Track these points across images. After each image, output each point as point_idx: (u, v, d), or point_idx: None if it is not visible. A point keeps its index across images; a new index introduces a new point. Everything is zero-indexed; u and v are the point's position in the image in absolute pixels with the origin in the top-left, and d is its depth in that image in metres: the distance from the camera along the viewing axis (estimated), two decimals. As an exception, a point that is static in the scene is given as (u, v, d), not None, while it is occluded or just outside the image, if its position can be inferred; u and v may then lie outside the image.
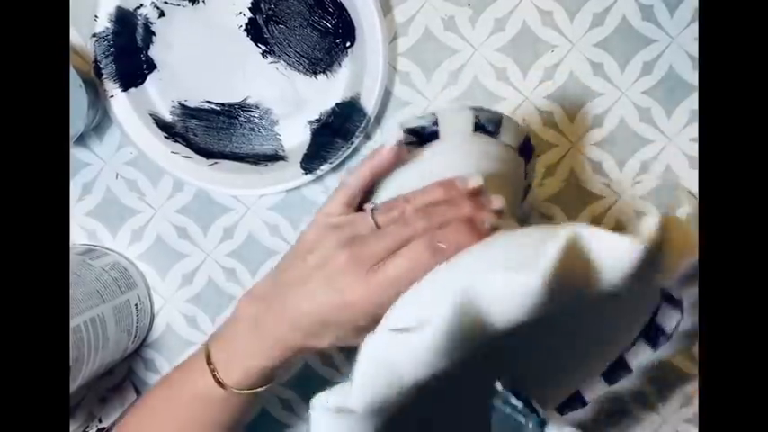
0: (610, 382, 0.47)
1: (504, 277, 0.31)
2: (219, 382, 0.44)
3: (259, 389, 0.45)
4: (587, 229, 0.32)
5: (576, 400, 0.49)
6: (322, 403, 0.34)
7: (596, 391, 0.48)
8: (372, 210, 0.42)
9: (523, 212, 0.58)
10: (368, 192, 0.45)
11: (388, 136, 0.43)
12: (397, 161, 0.43)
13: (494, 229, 0.40)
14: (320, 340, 0.42)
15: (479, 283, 0.32)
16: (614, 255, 0.31)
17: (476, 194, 0.42)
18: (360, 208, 0.45)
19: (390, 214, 0.42)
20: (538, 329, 0.38)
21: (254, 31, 0.55)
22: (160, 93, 0.56)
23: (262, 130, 0.57)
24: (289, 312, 0.41)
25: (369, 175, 0.43)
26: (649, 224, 0.32)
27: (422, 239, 0.39)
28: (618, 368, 0.46)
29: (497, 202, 0.41)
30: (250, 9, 0.55)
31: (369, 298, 0.39)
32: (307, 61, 0.56)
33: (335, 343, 0.42)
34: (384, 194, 0.45)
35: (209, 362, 0.44)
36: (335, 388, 0.35)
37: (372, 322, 0.37)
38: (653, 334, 0.43)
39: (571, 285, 0.32)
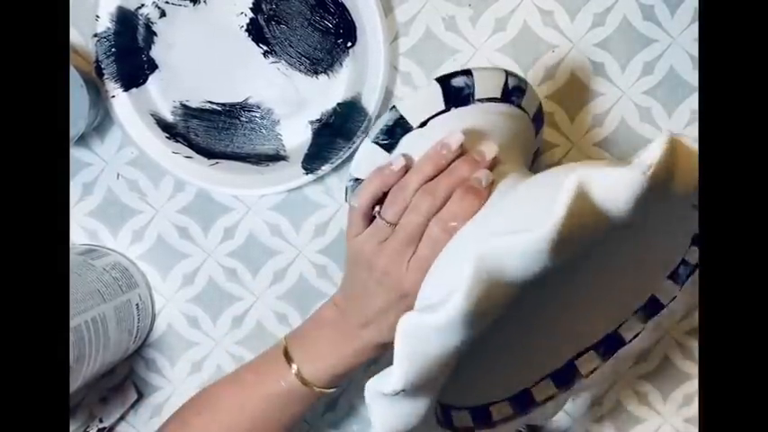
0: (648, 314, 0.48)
1: (517, 238, 0.32)
2: (304, 381, 0.47)
3: (337, 387, 0.49)
4: (589, 170, 0.32)
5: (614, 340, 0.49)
6: (373, 388, 0.36)
7: (635, 329, 0.48)
8: (379, 213, 0.45)
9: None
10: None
11: (394, 156, 0.45)
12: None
13: (493, 182, 0.42)
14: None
15: (493, 248, 0.33)
16: (618, 189, 0.32)
17: (465, 152, 0.44)
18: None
19: (395, 208, 0.44)
20: (560, 276, 0.40)
21: (256, 31, 0.55)
22: (161, 93, 0.56)
23: (263, 130, 0.57)
24: (365, 317, 0.45)
25: (376, 192, 0.45)
26: (650, 152, 0.33)
27: (435, 224, 0.42)
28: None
29: (490, 151, 0.43)
30: (251, 9, 0.55)
31: (418, 282, 0.42)
32: (308, 61, 0.56)
33: None
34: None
35: (290, 361, 0.47)
36: (384, 372, 0.36)
37: None
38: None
39: (583, 230, 0.33)
